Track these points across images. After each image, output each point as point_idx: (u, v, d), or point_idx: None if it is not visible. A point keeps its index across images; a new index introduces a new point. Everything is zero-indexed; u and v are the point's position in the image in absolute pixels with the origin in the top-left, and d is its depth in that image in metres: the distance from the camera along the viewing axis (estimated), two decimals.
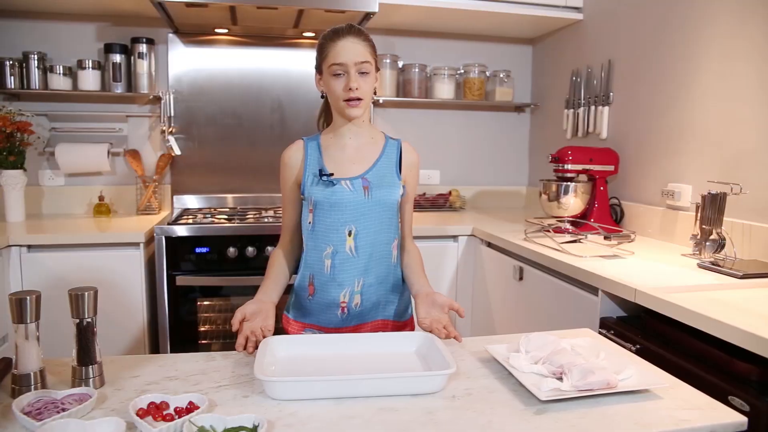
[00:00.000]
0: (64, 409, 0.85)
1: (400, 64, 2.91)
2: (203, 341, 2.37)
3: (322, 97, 1.36)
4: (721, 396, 1.06)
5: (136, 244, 2.14)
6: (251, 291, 2.30)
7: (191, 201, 2.77)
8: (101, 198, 2.58)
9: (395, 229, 1.36)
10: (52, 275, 2.07)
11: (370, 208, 1.30)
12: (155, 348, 2.26)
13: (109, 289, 2.13)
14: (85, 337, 0.96)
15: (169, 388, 0.96)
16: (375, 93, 1.36)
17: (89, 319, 0.96)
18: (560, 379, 0.96)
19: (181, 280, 2.19)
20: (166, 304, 2.19)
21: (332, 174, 1.30)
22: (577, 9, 2.64)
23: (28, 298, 0.91)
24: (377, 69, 1.32)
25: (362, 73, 1.26)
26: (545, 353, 1.04)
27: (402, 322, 1.40)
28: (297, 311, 1.38)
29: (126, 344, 2.18)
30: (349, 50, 1.24)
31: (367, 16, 2.34)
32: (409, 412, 0.88)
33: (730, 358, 1.13)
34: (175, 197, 2.75)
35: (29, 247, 2.07)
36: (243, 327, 1.15)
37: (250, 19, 2.43)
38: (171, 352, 2.22)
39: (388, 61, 2.84)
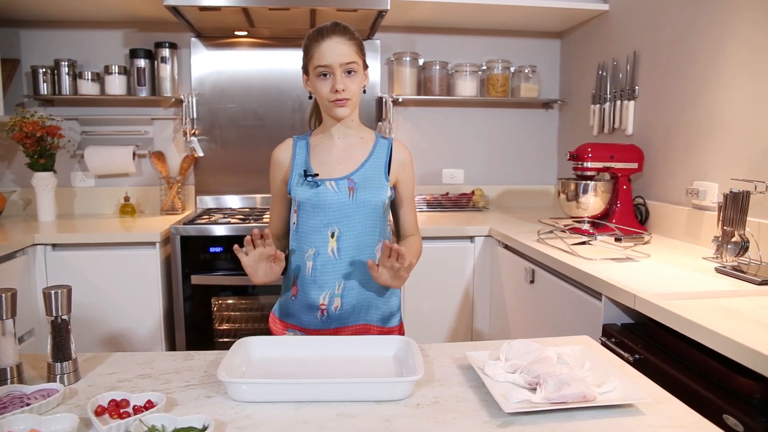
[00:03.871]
0: (28, 404, 0.87)
1: (421, 61, 2.87)
2: (221, 339, 2.41)
3: (310, 97, 1.35)
4: (715, 414, 0.98)
5: (153, 244, 2.20)
6: (263, 290, 2.35)
7: (215, 201, 2.83)
8: (127, 198, 2.67)
9: (380, 232, 1.32)
10: (74, 273, 2.16)
11: (354, 210, 1.27)
12: (172, 346, 2.32)
13: (128, 286, 2.20)
14: (59, 334, 0.99)
15: (138, 386, 0.97)
16: (364, 91, 1.33)
17: (64, 317, 0.99)
18: (535, 390, 0.91)
19: (197, 279, 2.24)
20: (182, 302, 2.25)
21: (317, 174, 1.28)
22: None
23: (3, 295, 0.94)
24: (365, 67, 1.30)
25: (349, 72, 1.24)
26: (525, 362, 0.99)
27: (387, 328, 1.35)
28: (281, 311, 1.38)
29: (143, 341, 2.25)
30: (334, 51, 1.22)
31: (381, 14, 2.31)
32: (367, 419, 0.85)
33: (730, 373, 1.03)
34: (199, 197, 2.81)
35: (54, 245, 2.17)
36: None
37: (265, 21, 2.46)
38: (188, 349, 2.27)
39: (407, 58, 2.81)
